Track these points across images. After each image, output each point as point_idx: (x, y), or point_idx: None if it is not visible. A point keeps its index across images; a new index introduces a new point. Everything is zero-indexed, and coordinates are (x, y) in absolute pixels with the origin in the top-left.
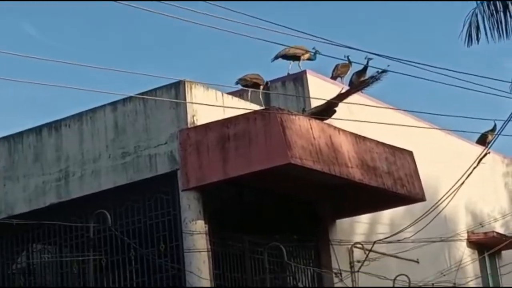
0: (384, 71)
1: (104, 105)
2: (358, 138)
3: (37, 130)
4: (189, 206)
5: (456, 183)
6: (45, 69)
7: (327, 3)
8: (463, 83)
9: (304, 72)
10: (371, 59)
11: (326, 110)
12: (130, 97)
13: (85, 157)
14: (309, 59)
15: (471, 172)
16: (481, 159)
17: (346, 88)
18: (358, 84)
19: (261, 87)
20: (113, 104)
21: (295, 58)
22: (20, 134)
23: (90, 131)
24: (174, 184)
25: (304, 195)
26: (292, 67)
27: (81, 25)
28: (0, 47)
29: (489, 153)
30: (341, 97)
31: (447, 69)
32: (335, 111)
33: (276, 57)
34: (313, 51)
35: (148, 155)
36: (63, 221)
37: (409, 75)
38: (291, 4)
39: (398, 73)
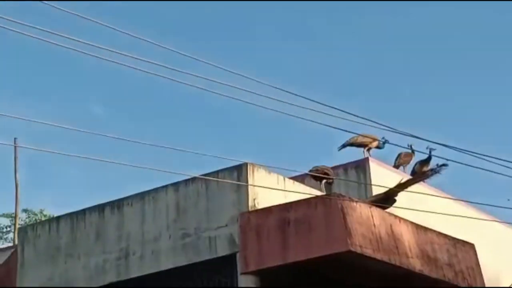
0: (444, 165)
1: (166, 186)
2: (419, 228)
3: (100, 208)
4: None
5: None
6: (109, 149)
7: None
8: None
9: (367, 159)
10: (434, 149)
11: (387, 199)
12: (193, 178)
13: (146, 237)
14: (377, 147)
15: None
16: None
17: (407, 177)
18: (419, 174)
19: (330, 180)
20: (176, 184)
21: (363, 146)
22: (83, 211)
23: (152, 211)
24: (233, 267)
25: (364, 283)
26: (365, 153)
27: (145, 106)
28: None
29: None
30: (401, 186)
31: (508, 161)
32: (395, 201)
33: (344, 146)
34: (383, 140)
35: (208, 237)
36: None
37: (473, 166)
38: (353, 90)
39: (460, 163)
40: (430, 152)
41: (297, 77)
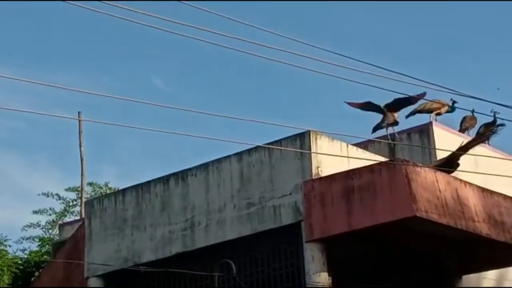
0: (502, 124)
1: (230, 156)
2: (485, 191)
3: (164, 180)
4: (313, 257)
5: None
6: (172, 120)
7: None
8: None
9: (430, 124)
10: (498, 112)
11: (450, 163)
12: (256, 148)
13: (211, 207)
14: (447, 112)
15: None
16: None
17: (468, 140)
18: (478, 137)
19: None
20: (239, 154)
21: (432, 112)
22: (148, 183)
23: (216, 181)
24: (298, 235)
25: (430, 249)
26: (433, 118)
27: (205, 76)
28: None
29: None
30: (462, 149)
31: None
32: (458, 164)
33: (413, 113)
34: (451, 103)
35: (273, 206)
36: (189, 270)
37: None
38: (413, 54)
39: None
40: (494, 115)
41: (357, 43)
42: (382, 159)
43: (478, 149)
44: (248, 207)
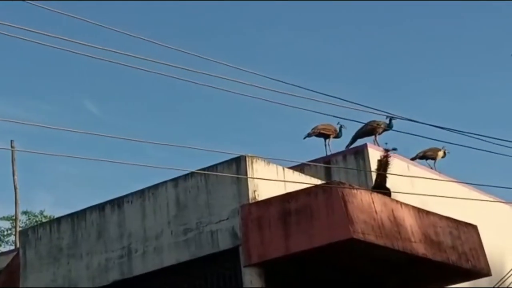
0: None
1: (166, 181)
2: (420, 212)
3: (100, 207)
4: (251, 282)
5: None
6: (106, 146)
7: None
8: None
9: (365, 146)
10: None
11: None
12: (192, 173)
13: (148, 234)
14: (335, 137)
15: None
16: None
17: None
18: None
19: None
20: (175, 180)
21: (325, 136)
22: (83, 211)
23: (152, 207)
24: (236, 260)
25: (368, 271)
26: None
27: (140, 102)
28: (63, 125)
29: None
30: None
31: (509, 141)
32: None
33: (309, 135)
34: (338, 126)
35: (210, 231)
36: None
37: (472, 148)
38: (346, 76)
39: (460, 145)
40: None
41: (286, 65)
42: (319, 182)
43: (415, 170)
44: (185, 233)
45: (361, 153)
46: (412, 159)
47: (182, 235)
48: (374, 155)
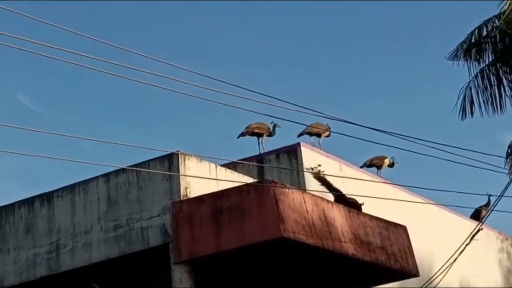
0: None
1: (97, 177)
2: (351, 212)
3: (29, 201)
4: (181, 279)
5: (450, 258)
6: (38, 140)
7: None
8: (458, 157)
9: (298, 144)
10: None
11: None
12: (123, 169)
13: (77, 229)
14: (268, 135)
15: (464, 248)
16: (474, 236)
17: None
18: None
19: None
20: (106, 175)
21: (259, 135)
22: (12, 205)
23: (83, 203)
24: (166, 257)
25: (298, 269)
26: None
27: (73, 95)
28: None
29: (481, 229)
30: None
31: (442, 144)
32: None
33: (243, 135)
34: (272, 125)
35: (140, 227)
36: None
37: (404, 149)
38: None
39: (391, 146)
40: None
41: (222, 62)
42: (251, 180)
43: (347, 170)
44: (115, 229)
45: (293, 152)
46: (361, 167)
47: (112, 231)
48: (307, 154)
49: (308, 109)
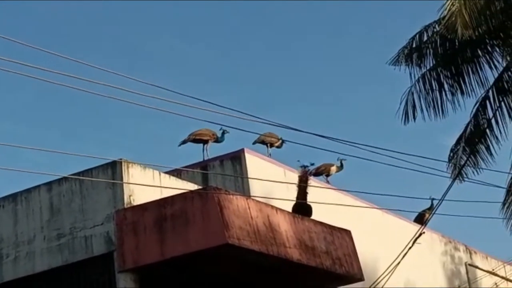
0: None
1: (39, 186)
2: (296, 217)
3: None
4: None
5: (393, 262)
6: None
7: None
8: (400, 162)
9: (242, 151)
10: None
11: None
12: (66, 177)
13: (19, 239)
14: (215, 141)
15: (407, 252)
16: (416, 239)
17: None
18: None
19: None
20: (48, 184)
21: (204, 142)
22: None
23: (25, 212)
24: (110, 265)
25: (244, 277)
26: (208, 148)
27: (14, 102)
28: None
29: (423, 233)
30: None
31: (385, 149)
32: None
33: (184, 142)
34: (220, 132)
35: (84, 236)
36: None
37: (348, 155)
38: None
39: (337, 153)
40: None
41: (163, 70)
42: (195, 187)
43: (291, 175)
44: (58, 238)
45: (238, 159)
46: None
47: (55, 240)
48: (251, 160)
49: (254, 116)
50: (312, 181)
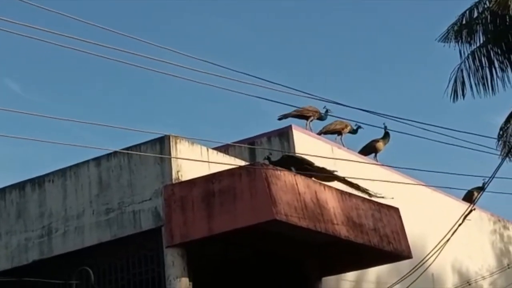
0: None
1: (88, 161)
2: (344, 194)
3: (20, 186)
4: (173, 263)
5: (442, 240)
6: (28, 125)
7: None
8: (449, 139)
9: (290, 127)
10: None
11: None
12: (114, 152)
13: (69, 213)
14: (319, 118)
15: (456, 229)
16: (465, 216)
17: (334, 145)
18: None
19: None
20: (97, 159)
21: (306, 118)
22: (3, 190)
23: (74, 186)
24: (158, 240)
25: (290, 252)
26: (311, 125)
27: (63, 80)
28: None
29: (474, 209)
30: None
31: (434, 125)
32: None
33: (287, 115)
34: (324, 110)
35: (132, 211)
36: (46, 279)
37: (396, 131)
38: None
39: (380, 128)
40: (385, 128)
41: (218, 49)
42: (243, 163)
43: (339, 152)
44: (107, 212)
45: (285, 135)
46: (318, 133)
47: (104, 215)
48: (299, 136)
49: (305, 93)
50: (362, 158)
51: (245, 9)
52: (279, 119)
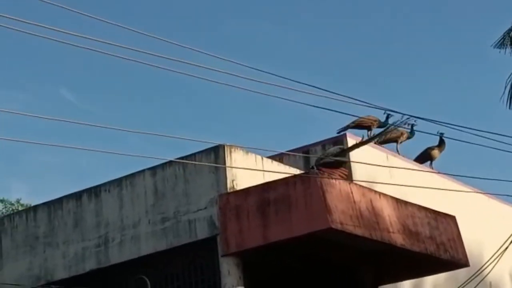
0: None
1: (143, 170)
2: (399, 202)
3: (77, 195)
4: (229, 271)
5: (500, 248)
6: (83, 135)
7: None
8: (506, 146)
9: (344, 135)
10: (443, 133)
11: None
12: (170, 162)
13: (125, 223)
14: (380, 126)
15: None
16: None
17: (389, 153)
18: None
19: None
20: (153, 169)
21: (366, 128)
22: (60, 200)
23: (130, 196)
24: (214, 249)
25: (345, 261)
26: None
27: (117, 90)
28: (40, 113)
29: None
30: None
31: (490, 132)
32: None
33: (347, 128)
34: (384, 116)
35: (188, 220)
36: (103, 287)
37: (451, 139)
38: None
39: (439, 136)
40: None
41: (270, 57)
42: (297, 171)
43: (394, 160)
44: (162, 222)
45: (340, 143)
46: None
47: (160, 224)
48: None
49: (357, 100)
50: (418, 166)
51: (297, 16)
52: (338, 132)
